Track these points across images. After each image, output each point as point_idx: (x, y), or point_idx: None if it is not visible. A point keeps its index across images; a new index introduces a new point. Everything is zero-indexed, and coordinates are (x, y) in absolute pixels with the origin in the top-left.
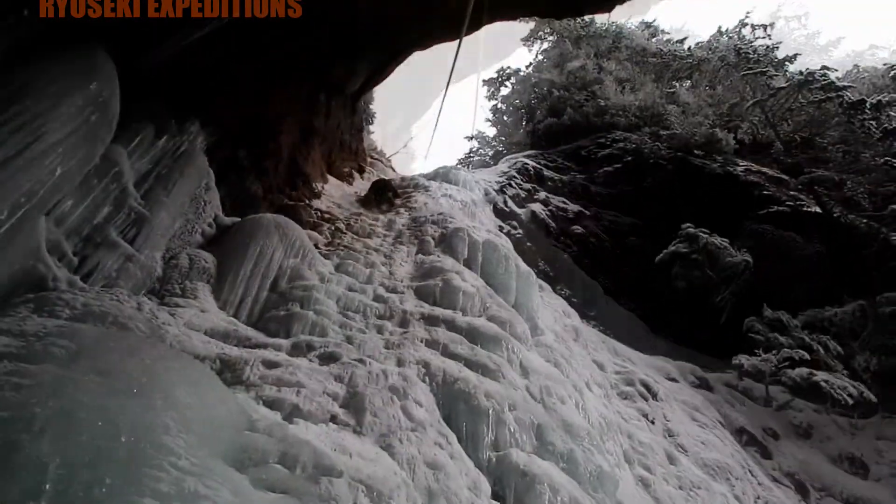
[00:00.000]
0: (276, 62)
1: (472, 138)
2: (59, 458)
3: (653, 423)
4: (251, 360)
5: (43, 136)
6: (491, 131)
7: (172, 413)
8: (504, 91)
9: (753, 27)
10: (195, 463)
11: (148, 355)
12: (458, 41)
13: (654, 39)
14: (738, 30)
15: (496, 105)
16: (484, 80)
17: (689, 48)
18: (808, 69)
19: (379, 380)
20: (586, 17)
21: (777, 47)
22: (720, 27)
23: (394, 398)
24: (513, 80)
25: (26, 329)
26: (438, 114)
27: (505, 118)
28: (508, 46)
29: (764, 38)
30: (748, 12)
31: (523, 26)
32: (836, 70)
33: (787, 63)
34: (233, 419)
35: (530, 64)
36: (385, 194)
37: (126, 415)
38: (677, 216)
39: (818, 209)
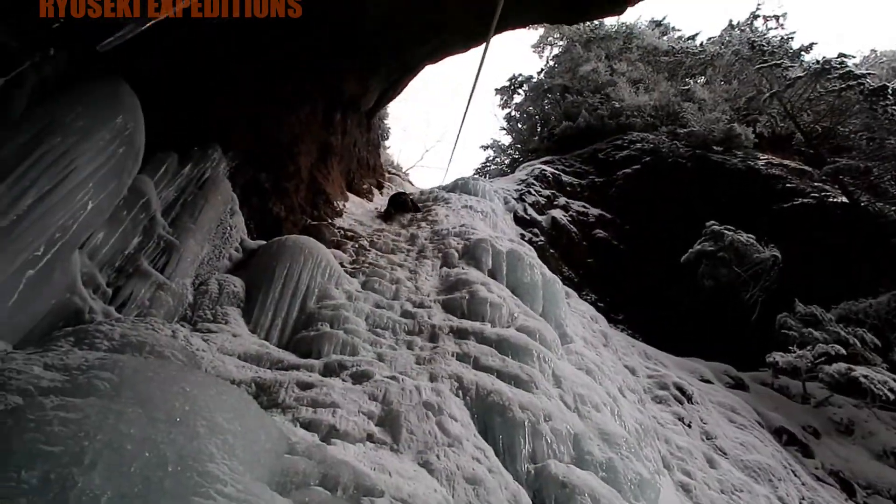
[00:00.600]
0: (285, 65)
1: (487, 147)
2: (111, 491)
3: (689, 426)
4: (285, 383)
5: (74, 172)
6: (506, 139)
7: (216, 440)
8: (517, 98)
9: (766, 18)
10: (241, 489)
11: (187, 383)
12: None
13: (665, 38)
14: (749, 22)
15: (510, 113)
16: (496, 89)
17: (701, 44)
18: (824, 57)
19: (413, 396)
20: (595, 20)
21: (792, 38)
22: (731, 21)
23: (429, 414)
24: (525, 87)
25: (69, 363)
26: (460, 127)
27: (519, 126)
28: None
29: (777, 28)
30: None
31: (532, 33)
32: (854, 56)
33: (802, 53)
34: (273, 443)
35: (541, 70)
36: (404, 206)
37: (172, 444)
38: (698, 215)
39: (845, 199)
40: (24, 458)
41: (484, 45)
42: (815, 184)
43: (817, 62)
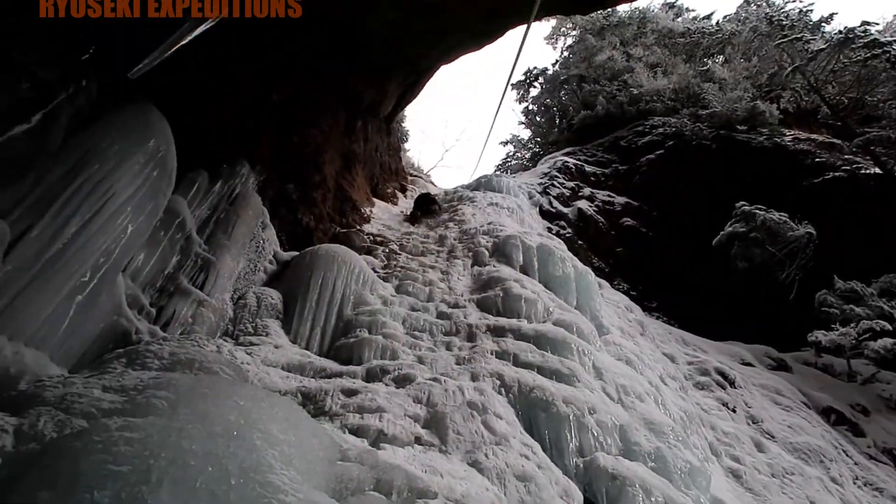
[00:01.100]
0: (292, 68)
1: (507, 143)
2: None
3: (734, 411)
4: (330, 390)
5: (112, 198)
6: (525, 133)
7: (273, 451)
8: (533, 92)
9: None
10: (301, 498)
11: (240, 397)
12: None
13: (679, 19)
14: None
15: (527, 107)
16: (512, 84)
17: (717, 23)
18: (846, 27)
19: (456, 397)
20: (609, 8)
21: (811, 10)
22: None
23: (474, 414)
24: (541, 79)
25: (126, 384)
26: (491, 126)
27: (538, 119)
28: None
29: (794, 1)
30: None
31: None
32: (878, 23)
33: (823, 24)
34: (325, 451)
35: (556, 61)
36: (430, 208)
37: (233, 458)
38: (726, 197)
39: (878, 170)
40: (95, 478)
41: (525, 29)
42: (846, 156)
43: (839, 32)
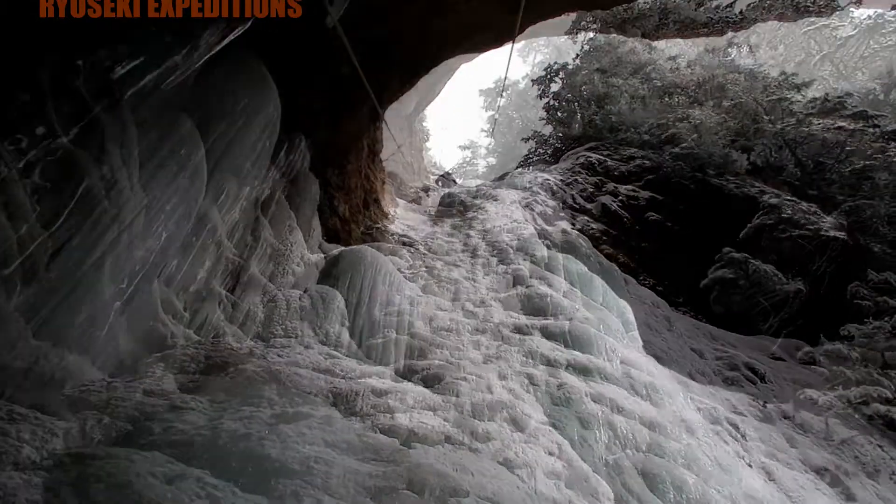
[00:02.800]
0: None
1: (528, 139)
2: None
3: (765, 406)
4: (360, 391)
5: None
6: (546, 129)
7: (311, 450)
8: (554, 87)
9: None
10: (343, 494)
11: (276, 402)
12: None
13: (702, 9)
14: None
15: (548, 102)
16: (533, 80)
17: (740, 12)
18: (876, 12)
19: (484, 395)
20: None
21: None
22: None
23: (502, 412)
24: (561, 74)
25: (165, 388)
26: (495, 121)
27: (559, 114)
28: None
29: None
30: None
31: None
32: None
33: (851, 7)
34: (362, 451)
35: (577, 56)
36: (453, 207)
37: (268, 459)
38: (753, 191)
39: None
40: (143, 477)
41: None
42: (875, 143)
43: (869, 17)
